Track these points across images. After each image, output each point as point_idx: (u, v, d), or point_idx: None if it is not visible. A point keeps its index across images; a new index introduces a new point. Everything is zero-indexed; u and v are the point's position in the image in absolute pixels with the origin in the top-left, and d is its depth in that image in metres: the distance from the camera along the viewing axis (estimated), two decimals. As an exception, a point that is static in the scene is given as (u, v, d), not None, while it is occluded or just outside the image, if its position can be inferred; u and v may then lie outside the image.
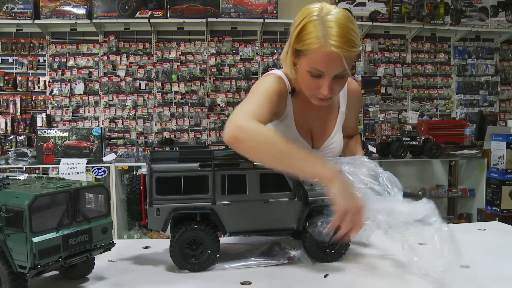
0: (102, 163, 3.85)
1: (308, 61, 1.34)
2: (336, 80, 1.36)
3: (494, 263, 1.26)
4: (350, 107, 1.68)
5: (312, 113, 1.58)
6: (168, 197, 1.20)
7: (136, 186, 1.25)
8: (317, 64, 1.31)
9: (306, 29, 1.31)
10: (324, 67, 1.31)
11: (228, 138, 1.21)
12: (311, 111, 1.57)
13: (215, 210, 1.21)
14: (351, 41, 1.28)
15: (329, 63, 1.30)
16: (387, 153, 4.24)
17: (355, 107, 1.71)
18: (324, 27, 1.27)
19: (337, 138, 1.64)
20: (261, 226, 1.25)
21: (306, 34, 1.31)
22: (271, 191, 1.23)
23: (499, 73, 5.94)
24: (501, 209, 3.80)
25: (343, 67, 1.30)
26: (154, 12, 5.16)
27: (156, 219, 1.20)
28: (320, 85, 1.35)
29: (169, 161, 1.23)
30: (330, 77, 1.33)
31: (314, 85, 1.37)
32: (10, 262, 0.96)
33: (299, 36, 1.34)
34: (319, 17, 1.29)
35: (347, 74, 1.38)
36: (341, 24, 1.28)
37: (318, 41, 1.27)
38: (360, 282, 1.13)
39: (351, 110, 1.69)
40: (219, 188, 1.21)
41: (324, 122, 1.62)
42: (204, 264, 1.20)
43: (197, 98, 5.45)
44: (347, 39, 1.27)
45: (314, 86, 1.37)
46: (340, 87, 1.41)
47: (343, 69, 1.32)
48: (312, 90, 1.39)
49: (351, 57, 1.32)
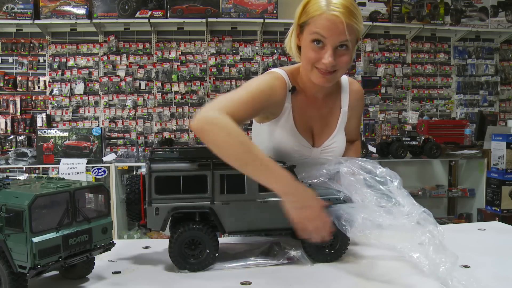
0: (102, 163, 3.85)
1: (310, 29, 1.37)
2: (338, 53, 1.37)
3: (494, 263, 1.26)
4: (352, 108, 1.66)
5: (313, 112, 1.58)
6: (167, 196, 1.20)
7: (136, 186, 1.25)
8: (319, 28, 1.34)
9: (310, 2, 1.38)
10: (326, 32, 1.33)
11: (195, 125, 1.23)
12: (312, 110, 1.57)
13: (214, 210, 1.21)
14: (352, 13, 1.34)
15: (331, 28, 1.33)
16: (387, 153, 4.24)
17: (357, 108, 1.69)
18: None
19: (339, 138, 1.62)
20: (260, 226, 1.25)
21: (310, 6, 1.37)
22: (270, 190, 1.23)
23: (499, 73, 5.95)
24: (501, 209, 3.80)
25: (345, 35, 1.33)
26: (154, 12, 5.16)
27: (155, 219, 1.20)
28: (322, 56, 1.36)
29: (168, 160, 1.23)
30: (332, 46, 1.35)
31: (316, 56, 1.38)
32: (10, 262, 0.96)
33: (303, 10, 1.40)
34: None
35: (349, 50, 1.38)
36: None
37: (321, 8, 1.33)
38: (360, 282, 1.13)
39: (353, 112, 1.68)
40: (218, 187, 1.22)
41: (325, 121, 1.61)
42: (203, 264, 1.20)
43: (197, 98, 5.45)
44: (348, 9, 1.33)
45: (316, 57, 1.38)
46: (343, 60, 1.39)
47: (345, 38, 1.33)
48: (314, 61, 1.39)
49: (353, 28, 1.35)
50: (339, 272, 1.20)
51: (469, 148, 4.58)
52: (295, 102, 1.54)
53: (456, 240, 1.50)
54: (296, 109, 1.54)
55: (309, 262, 1.24)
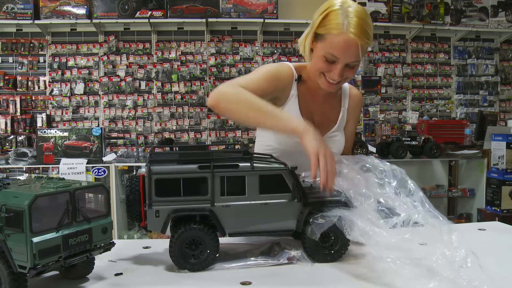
0: (102, 163, 3.85)
1: (326, 46, 1.47)
2: (347, 69, 1.49)
3: (494, 263, 1.26)
4: (350, 112, 1.76)
5: (315, 106, 1.69)
6: (167, 198, 1.20)
7: (135, 188, 1.25)
8: (335, 49, 1.45)
9: (329, 16, 1.46)
10: (340, 53, 1.45)
11: (210, 101, 1.40)
12: (314, 103, 1.69)
13: (214, 212, 1.21)
14: (367, 33, 1.45)
15: (346, 49, 1.44)
16: (387, 153, 4.24)
17: (354, 111, 1.79)
18: (346, 17, 1.43)
19: (339, 133, 1.73)
20: (260, 228, 1.25)
21: (329, 20, 1.45)
22: (270, 192, 1.23)
23: (499, 73, 5.95)
24: (501, 209, 3.80)
25: (357, 56, 1.45)
26: (154, 12, 5.16)
27: (155, 221, 1.20)
28: (332, 69, 1.49)
29: (168, 162, 1.22)
30: (343, 64, 1.47)
31: (326, 69, 1.50)
32: (10, 262, 0.96)
33: (322, 21, 1.48)
34: (342, 8, 1.45)
35: (357, 65, 1.51)
36: (360, 17, 1.44)
37: (340, 27, 1.42)
38: (360, 282, 1.13)
39: (351, 116, 1.77)
40: (218, 189, 1.21)
41: (326, 116, 1.72)
42: (203, 264, 1.20)
43: (197, 98, 5.45)
44: (364, 30, 1.43)
45: (326, 69, 1.50)
46: (350, 75, 1.53)
47: (357, 58, 1.46)
48: (324, 71, 1.52)
49: (364, 48, 1.47)
50: (339, 272, 1.20)
51: (469, 148, 4.58)
52: (300, 92, 1.66)
53: (456, 240, 1.50)
54: (301, 97, 1.66)
55: (309, 262, 1.24)
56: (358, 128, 5.62)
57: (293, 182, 1.24)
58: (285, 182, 1.24)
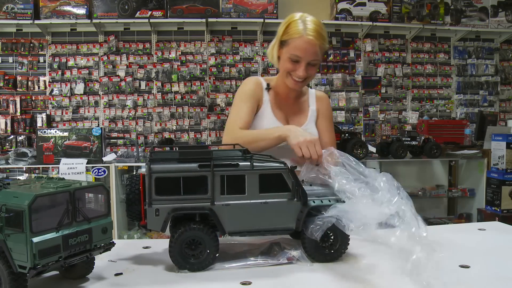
0: (102, 163, 3.85)
1: (290, 49, 1.81)
2: (309, 67, 1.83)
3: (494, 263, 1.27)
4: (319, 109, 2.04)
5: (286, 108, 2.01)
6: (167, 197, 1.20)
7: (136, 187, 1.25)
8: (297, 50, 1.79)
9: (291, 25, 1.82)
10: (302, 53, 1.79)
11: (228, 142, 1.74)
12: (286, 106, 2.01)
13: (214, 211, 1.21)
14: (323, 36, 1.81)
15: (306, 49, 1.78)
16: (387, 153, 4.24)
17: (323, 109, 2.06)
18: (304, 24, 1.79)
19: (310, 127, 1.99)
20: (260, 227, 1.25)
21: (291, 28, 1.81)
22: (270, 191, 1.23)
23: (499, 73, 5.95)
24: (501, 209, 3.79)
25: (316, 54, 1.80)
26: (154, 12, 5.16)
27: (155, 219, 1.20)
28: (296, 68, 1.82)
29: (169, 161, 1.22)
30: (305, 62, 1.80)
31: (292, 68, 1.83)
32: (10, 262, 0.96)
33: (285, 30, 1.83)
34: (300, 18, 1.82)
35: (318, 63, 1.86)
36: (316, 23, 1.81)
37: (300, 32, 1.78)
38: (360, 282, 1.13)
39: (320, 113, 2.04)
40: (218, 188, 1.21)
41: (297, 116, 2.02)
42: (203, 264, 1.20)
43: (197, 98, 5.45)
44: (320, 33, 1.79)
45: (292, 69, 1.83)
46: (312, 72, 1.86)
47: (316, 57, 1.81)
48: (290, 71, 1.84)
49: (322, 48, 1.82)
50: (339, 272, 1.20)
51: (469, 148, 4.58)
52: (272, 97, 2.00)
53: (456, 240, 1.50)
54: (273, 102, 1.99)
55: (309, 262, 1.24)
56: (358, 128, 5.63)
57: (293, 181, 1.24)
58: (284, 181, 1.24)
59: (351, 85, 5.69)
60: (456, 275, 1.16)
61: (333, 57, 5.63)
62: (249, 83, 1.98)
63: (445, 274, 1.16)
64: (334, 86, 5.63)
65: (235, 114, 1.90)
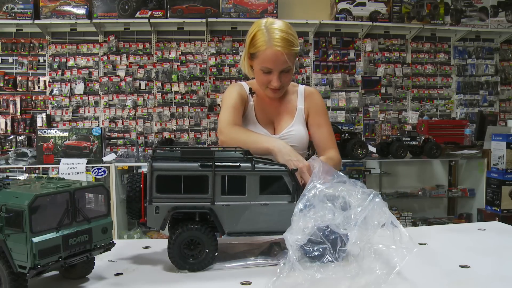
0: (102, 163, 3.85)
1: (259, 61, 1.78)
2: (283, 74, 1.79)
3: (494, 263, 1.26)
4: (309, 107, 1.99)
5: (271, 110, 1.98)
6: (167, 195, 1.20)
7: (136, 184, 1.25)
8: (266, 62, 1.75)
9: (256, 36, 1.76)
10: (272, 64, 1.75)
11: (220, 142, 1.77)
12: (271, 108, 1.98)
13: (214, 211, 1.21)
14: (291, 42, 1.74)
15: (275, 60, 1.74)
16: (387, 153, 4.24)
17: (313, 105, 2.00)
18: (270, 33, 1.73)
19: (296, 127, 1.95)
20: (259, 228, 1.25)
21: (256, 40, 1.76)
22: (271, 193, 1.23)
23: (499, 73, 5.95)
24: (501, 209, 3.80)
25: (287, 62, 1.75)
26: (154, 12, 5.16)
27: (155, 217, 1.20)
28: (270, 79, 1.79)
29: (170, 160, 1.23)
30: (277, 72, 1.77)
31: (266, 80, 1.81)
32: (10, 262, 0.96)
33: (252, 42, 1.78)
34: (265, 27, 1.75)
35: (291, 69, 1.81)
36: (282, 30, 1.74)
37: (265, 43, 1.73)
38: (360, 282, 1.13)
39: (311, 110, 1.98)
40: (218, 188, 1.21)
41: (283, 116, 1.98)
42: (202, 264, 1.20)
43: (197, 98, 5.45)
44: (286, 40, 1.73)
45: (266, 80, 1.81)
46: (287, 79, 1.83)
47: (287, 65, 1.76)
48: (265, 83, 1.82)
49: (292, 54, 1.76)
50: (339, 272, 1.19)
51: (469, 148, 4.58)
52: (256, 102, 1.98)
53: (456, 240, 1.50)
54: (257, 106, 1.97)
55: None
56: (358, 128, 5.63)
57: (293, 184, 1.24)
58: (285, 183, 1.24)
59: (351, 85, 5.69)
60: (456, 275, 1.16)
61: (333, 57, 5.63)
62: (235, 86, 1.98)
63: (445, 274, 1.16)
64: (334, 86, 5.64)
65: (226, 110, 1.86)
